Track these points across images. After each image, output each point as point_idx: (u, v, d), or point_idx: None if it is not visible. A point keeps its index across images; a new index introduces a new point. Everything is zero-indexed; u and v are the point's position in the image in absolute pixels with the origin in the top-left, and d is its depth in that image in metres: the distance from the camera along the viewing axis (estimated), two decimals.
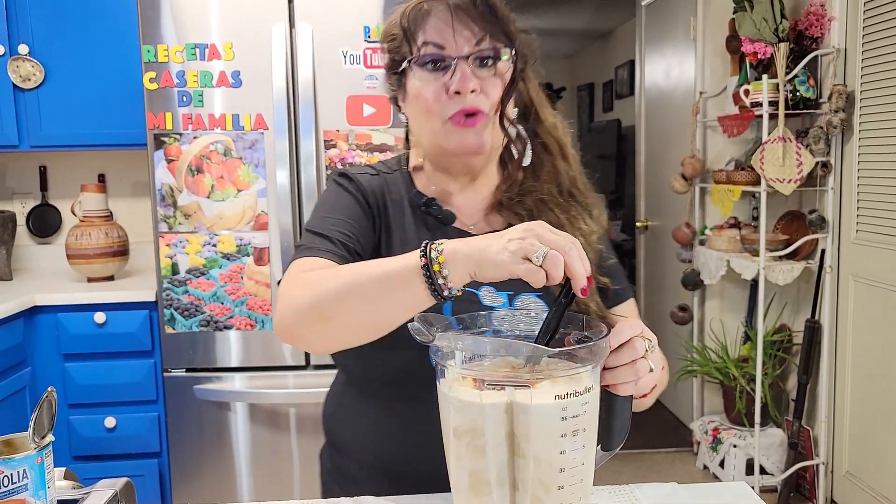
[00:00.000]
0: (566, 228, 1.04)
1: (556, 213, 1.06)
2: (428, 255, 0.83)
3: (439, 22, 0.99)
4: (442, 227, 1.08)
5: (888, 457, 2.65)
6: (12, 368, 2.38)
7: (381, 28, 1.08)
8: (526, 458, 0.70)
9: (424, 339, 0.73)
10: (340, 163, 2.41)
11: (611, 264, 1.11)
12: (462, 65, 0.99)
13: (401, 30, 1.02)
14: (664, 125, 4.13)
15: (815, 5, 2.87)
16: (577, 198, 1.10)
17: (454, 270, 0.82)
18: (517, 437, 0.70)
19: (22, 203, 3.11)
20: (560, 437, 0.70)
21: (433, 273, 0.82)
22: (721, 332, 3.48)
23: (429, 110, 1.01)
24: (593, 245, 1.06)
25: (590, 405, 0.72)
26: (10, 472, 0.91)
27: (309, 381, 2.47)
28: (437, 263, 0.82)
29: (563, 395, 0.70)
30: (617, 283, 1.10)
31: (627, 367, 0.81)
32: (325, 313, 0.89)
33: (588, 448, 0.73)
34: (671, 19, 3.93)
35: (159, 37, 2.35)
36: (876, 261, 2.69)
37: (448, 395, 0.74)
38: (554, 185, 1.10)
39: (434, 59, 1.00)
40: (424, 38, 1.00)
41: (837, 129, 2.77)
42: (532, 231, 0.78)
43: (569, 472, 0.71)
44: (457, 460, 0.74)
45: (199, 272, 2.41)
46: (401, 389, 1.05)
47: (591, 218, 1.09)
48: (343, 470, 1.14)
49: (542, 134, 1.11)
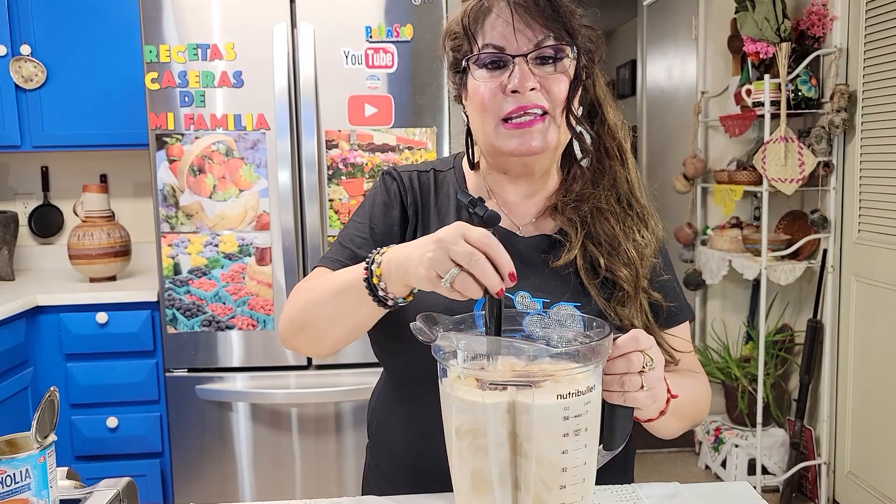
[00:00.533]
0: (620, 239, 1.02)
1: (611, 223, 1.04)
2: (369, 268, 0.86)
3: (500, 21, 0.97)
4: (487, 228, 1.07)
5: (890, 457, 2.64)
6: (14, 368, 2.38)
7: (444, 27, 1.06)
8: (528, 458, 0.70)
9: (426, 339, 0.73)
10: (342, 162, 2.41)
11: (665, 280, 1.07)
12: (521, 63, 0.97)
13: (462, 28, 1.00)
14: (666, 125, 4.12)
15: (817, 5, 2.86)
16: (633, 207, 1.07)
17: (391, 282, 0.85)
18: (519, 437, 0.70)
19: (24, 203, 3.11)
20: (562, 436, 0.70)
21: (373, 286, 0.86)
22: (723, 332, 3.48)
23: (484, 108, 0.99)
24: (647, 258, 1.03)
25: (592, 405, 0.72)
26: (12, 472, 0.91)
27: (311, 381, 2.47)
28: (376, 276, 0.86)
29: (565, 394, 0.69)
30: (671, 301, 1.06)
31: (617, 378, 0.82)
32: (301, 325, 0.99)
33: (590, 447, 0.73)
34: (673, 19, 3.93)
35: (161, 37, 2.35)
36: (878, 261, 2.69)
37: (450, 395, 0.75)
38: (612, 192, 1.06)
39: (493, 59, 0.98)
40: (485, 40, 0.98)
41: (839, 128, 2.77)
42: (442, 242, 0.77)
43: (571, 471, 0.71)
44: (459, 460, 0.74)
45: (201, 272, 2.41)
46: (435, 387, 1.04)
47: (646, 229, 1.06)
48: (380, 466, 1.15)
49: (604, 136, 1.08)
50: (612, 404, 0.84)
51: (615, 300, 1.01)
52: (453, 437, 0.75)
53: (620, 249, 1.02)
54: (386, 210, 1.09)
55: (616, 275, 1.01)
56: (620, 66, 6.19)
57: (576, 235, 1.02)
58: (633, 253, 1.02)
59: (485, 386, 0.71)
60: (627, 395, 0.83)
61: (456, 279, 0.75)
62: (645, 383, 0.83)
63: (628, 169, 1.08)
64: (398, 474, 1.09)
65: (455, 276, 0.75)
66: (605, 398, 0.84)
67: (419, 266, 0.79)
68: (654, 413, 0.90)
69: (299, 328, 1.00)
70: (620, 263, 1.01)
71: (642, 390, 0.83)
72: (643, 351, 0.83)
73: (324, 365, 2.48)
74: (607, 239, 1.03)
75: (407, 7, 2.37)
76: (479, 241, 0.76)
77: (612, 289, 1.02)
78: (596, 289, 1.01)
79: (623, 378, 0.82)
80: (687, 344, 1.09)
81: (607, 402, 0.85)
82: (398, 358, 1.07)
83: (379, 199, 1.11)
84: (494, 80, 0.98)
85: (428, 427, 0.99)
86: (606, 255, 1.02)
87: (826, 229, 2.92)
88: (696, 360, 1.12)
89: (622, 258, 1.02)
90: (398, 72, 2.39)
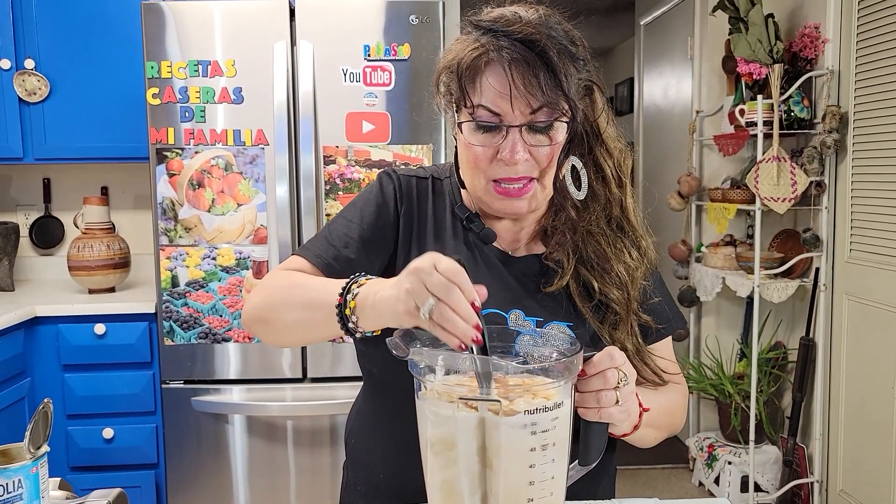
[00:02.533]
0: (612, 261, 1.03)
1: (601, 245, 1.04)
2: (344, 297, 0.87)
3: (496, 85, 0.94)
4: (482, 247, 1.06)
5: (881, 476, 2.66)
6: (12, 379, 2.41)
7: (438, 65, 1.02)
8: (497, 472, 0.73)
9: (401, 354, 0.76)
10: (340, 178, 2.44)
11: (654, 303, 1.07)
12: (514, 133, 0.95)
13: (456, 80, 0.98)
14: (662, 143, 4.16)
15: (810, 27, 2.91)
16: (625, 229, 1.06)
17: (363, 318, 0.86)
18: (488, 451, 0.73)
19: (25, 215, 3.15)
20: (530, 450, 0.73)
21: (345, 316, 0.87)
22: (717, 349, 3.50)
23: (476, 166, 0.99)
24: (637, 280, 1.04)
25: (560, 420, 0.75)
26: (5, 482, 0.94)
27: (306, 393, 2.49)
28: (349, 308, 0.87)
29: (532, 410, 0.72)
30: (659, 322, 1.08)
31: (593, 395, 0.85)
32: (265, 318, 1.01)
33: (559, 462, 0.76)
34: (669, 39, 3.97)
35: (163, 53, 2.39)
36: (869, 280, 2.71)
37: (424, 409, 0.77)
38: (604, 214, 1.06)
39: (487, 125, 0.96)
40: (480, 101, 0.95)
41: (831, 149, 2.80)
42: (418, 272, 0.77)
43: (538, 485, 0.73)
44: (432, 472, 0.77)
45: (199, 285, 2.44)
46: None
47: (637, 251, 1.06)
48: (358, 486, 1.15)
49: (601, 159, 1.06)
50: (587, 420, 0.87)
51: (608, 323, 1.02)
52: (427, 449, 0.78)
53: (612, 271, 1.03)
54: (378, 211, 1.08)
55: (608, 297, 1.02)
56: (619, 84, 6.24)
57: (568, 262, 1.03)
58: (623, 275, 1.03)
59: (456, 401, 0.73)
60: (603, 410, 0.86)
61: (434, 310, 0.75)
62: (620, 398, 0.86)
63: (625, 193, 1.07)
64: (377, 495, 1.09)
65: (433, 307, 0.75)
66: (581, 415, 0.87)
67: (397, 303, 0.79)
68: (629, 428, 0.92)
69: (263, 320, 1.02)
70: (612, 285, 1.02)
71: (617, 406, 0.86)
72: (618, 367, 0.86)
73: (319, 378, 2.50)
74: (598, 261, 1.03)
75: (405, 26, 2.42)
76: (448, 272, 0.76)
77: (604, 312, 1.03)
78: (590, 312, 1.02)
79: (599, 394, 0.85)
80: (670, 361, 1.11)
81: (583, 418, 0.88)
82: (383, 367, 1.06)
83: (373, 199, 1.09)
84: (487, 143, 0.97)
85: (407, 447, 0.98)
86: (599, 277, 1.02)
87: (818, 248, 2.95)
88: (678, 371, 1.12)
89: (613, 280, 1.03)
90: (395, 89, 2.43)
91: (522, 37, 0.93)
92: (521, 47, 0.93)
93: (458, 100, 0.99)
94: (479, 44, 0.96)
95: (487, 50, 0.95)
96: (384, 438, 1.09)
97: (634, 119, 4.65)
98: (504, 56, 0.93)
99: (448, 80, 1.00)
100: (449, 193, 1.11)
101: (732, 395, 3.22)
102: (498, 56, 0.94)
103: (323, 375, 2.50)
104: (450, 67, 0.99)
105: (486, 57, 0.95)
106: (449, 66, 0.99)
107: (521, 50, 0.93)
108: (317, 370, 2.49)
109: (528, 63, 0.92)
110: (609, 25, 5.85)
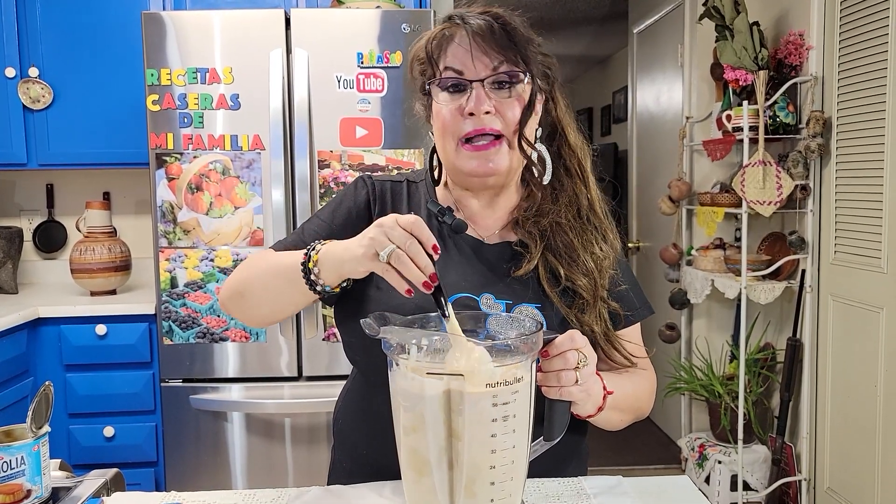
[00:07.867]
0: (579, 252, 1.10)
1: (570, 236, 1.11)
2: (308, 254, 0.97)
3: (460, 48, 1.06)
4: (455, 236, 1.14)
5: (867, 473, 2.71)
6: (15, 378, 2.47)
7: (410, 52, 1.15)
8: (461, 440, 0.79)
9: (373, 333, 0.82)
10: (334, 182, 2.51)
11: (622, 290, 1.14)
12: (478, 87, 1.05)
13: (426, 53, 1.09)
14: (654, 149, 4.23)
15: (794, 35, 2.97)
16: (592, 222, 1.14)
17: (324, 269, 0.96)
18: (453, 422, 0.79)
19: (29, 219, 3.22)
20: (491, 421, 0.79)
21: (308, 270, 0.97)
22: (707, 351, 3.55)
23: (445, 129, 1.08)
24: (605, 269, 1.10)
25: (520, 394, 0.81)
26: (8, 459, 1.00)
27: (303, 391, 2.55)
28: (312, 262, 0.97)
29: (493, 383, 0.79)
30: (627, 309, 1.14)
31: (554, 374, 0.91)
32: (240, 291, 1.10)
33: (519, 433, 0.82)
34: (661, 47, 4.04)
35: (163, 61, 2.47)
36: (853, 281, 2.77)
37: (395, 384, 0.84)
38: (572, 207, 1.13)
39: (453, 83, 1.06)
40: (446, 64, 1.07)
41: (815, 153, 2.86)
42: (381, 226, 0.88)
43: (500, 453, 0.80)
44: (403, 442, 0.84)
45: (197, 286, 2.51)
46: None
47: (605, 242, 1.13)
48: (342, 463, 1.22)
49: (565, 155, 1.16)
50: (550, 399, 0.94)
51: (576, 307, 1.08)
52: (400, 421, 0.84)
53: (579, 260, 1.09)
54: (348, 215, 1.17)
55: (575, 284, 1.08)
56: (616, 92, 6.32)
57: (535, 247, 1.10)
58: (591, 264, 1.09)
59: (425, 375, 0.80)
60: (563, 389, 0.92)
61: (392, 255, 0.85)
62: (580, 378, 0.92)
63: (588, 187, 1.15)
64: (359, 471, 1.15)
65: (391, 252, 0.85)
66: (544, 393, 0.93)
67: (358, 247, 0.89)
68: (593, 409, 0.98)
69: (238, 293, 1.11)
70: (579, 273, 1.09)
71: (577, 385, 0.92)
72: (578, 349, 0.92)
73: (315, 376, 2.56)
74: (566, 251, 1.10)
75: (397, 34, 2.49)
76: (408, 224, 0.87)
77: (572, 297, 1.09)
78: (558, 296, 1.08)
79: (559, 374, 0.91)
80: (638, 346, 1.17)
81: (546, 396, 0.94)
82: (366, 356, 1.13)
83: (345, 203, 1.18)
84: (454, 103, 1.06)
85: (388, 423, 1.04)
86: (566, 265, 1.09)
87: (804, 250, 3.01)
88: (646, 356, 1.19)
89: (581, 268, 1.09)
90: (388, 96, 2.50)
91: (484, 12, 1.07)
92: (483, 18, 1.06)
93: (429, 75, 1.10)
94: (445, 24, 1.09)
95: (454, 23, 1.08)
96: (368, 417, 1.15)
97: (628, 126, 4.72)
98: (469, 25, 1.06)
99: (420, 62, 1.12)
100: (424, 194, 1.19)
101: (722, 396, 3.27)
102: (463, 25, 1.06)
103: (319, 374, 2.56)
104: (421, 49, 1.10)
105: (452, 29, 1.08)
106: (420, 48, 1.11)
107: (483, 19, 1.06)
108: (312, 369, 2.55)
109: (490, 28, 1.05)
110: (605, 34, 5.94)
